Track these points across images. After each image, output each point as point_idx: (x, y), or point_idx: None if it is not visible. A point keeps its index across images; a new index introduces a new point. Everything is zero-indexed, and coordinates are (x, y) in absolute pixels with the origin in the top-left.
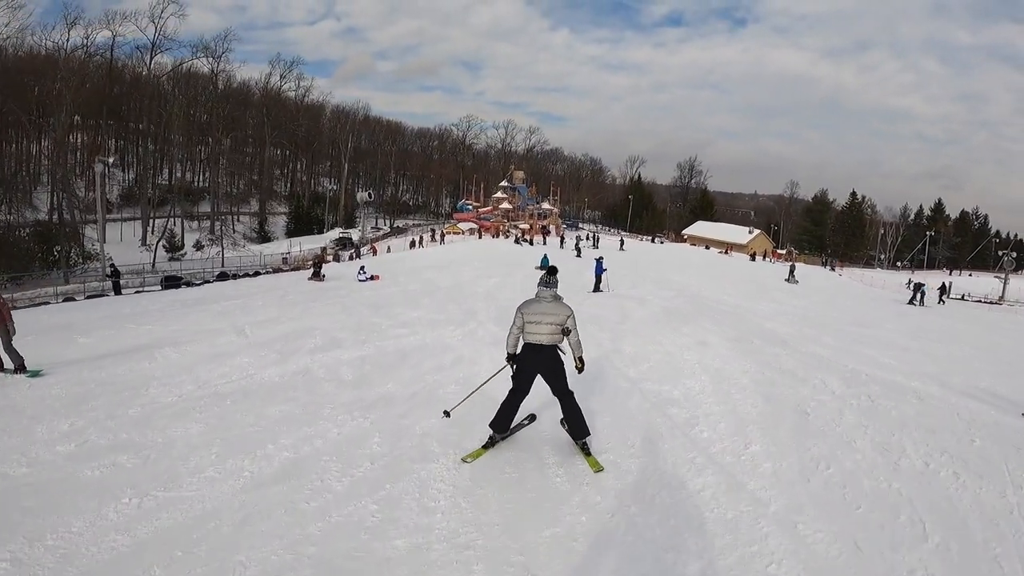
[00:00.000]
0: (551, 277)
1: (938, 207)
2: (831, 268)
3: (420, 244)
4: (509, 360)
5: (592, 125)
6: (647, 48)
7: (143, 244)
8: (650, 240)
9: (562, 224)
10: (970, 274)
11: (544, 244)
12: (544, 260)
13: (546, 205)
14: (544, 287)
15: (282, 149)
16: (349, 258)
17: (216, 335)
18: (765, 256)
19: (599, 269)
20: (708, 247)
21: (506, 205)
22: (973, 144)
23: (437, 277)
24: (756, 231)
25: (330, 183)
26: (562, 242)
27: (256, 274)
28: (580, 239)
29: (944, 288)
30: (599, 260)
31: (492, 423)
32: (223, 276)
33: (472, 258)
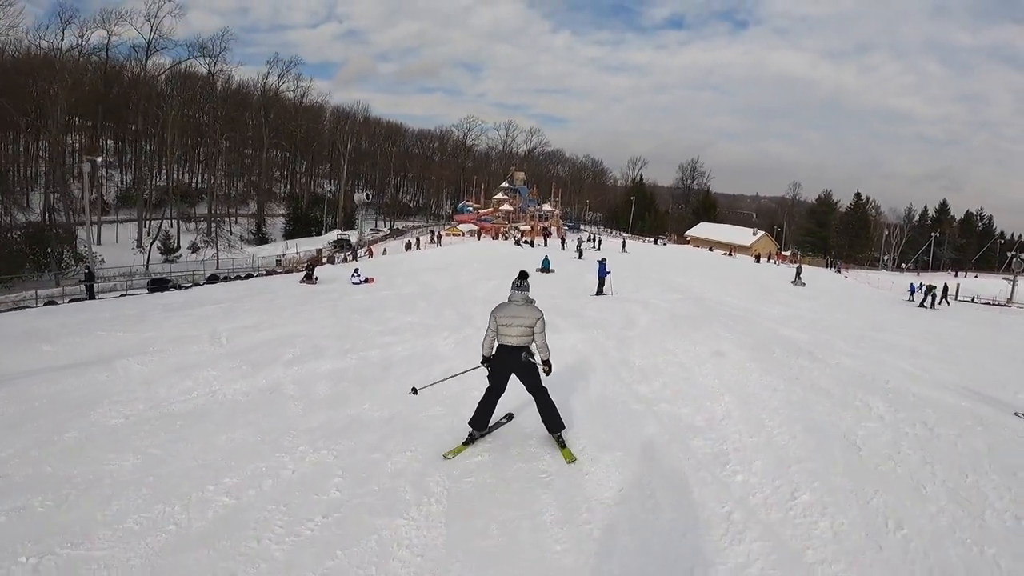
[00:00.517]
0: (522, 282)
1: (943, 208)
2: (836, 270)
3: (417, 246)
4: (483, 362)
5: (593, 127)
6: (648, 50)
7: (138, 246)
8: (652, 242)
9: (563, 226)
10: (975, 275)
11: (545, 246)
12: (545, 262)
13: (547, 207)
14: (516, 291)
15: (282, 151)
16: (344, 260)
17: (189, 343)
18: (770, 258)
19: (603, 271)
20: (712, 249)
21: (507, 207)
22: (973, 145)
23: (435, 280)
24: (760, 232)
25: (330, 185)
26: (563, 244)
27: (248, 276)
28: (582, 241)
29: (946, 289)
30: (602, 262)
31: (471, 421)
32: (213, 279)
33: (471, 260)
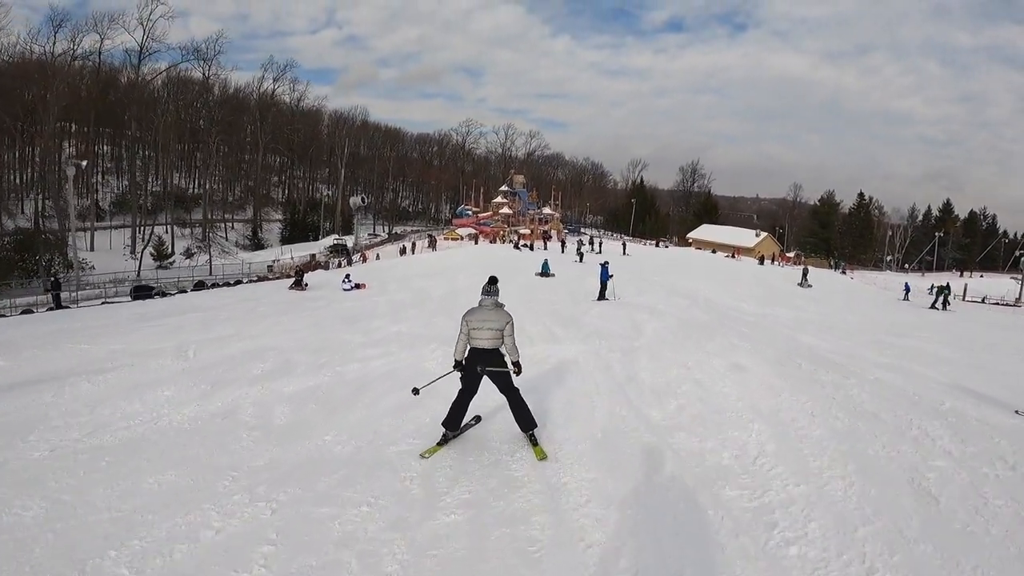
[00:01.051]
0: (492, 287)
1: (946, 208)
2: (841, 271)
3: (412, 251)
4: (456, 366)
5: (593, 131)
6: (648, 54)
7: (132, 252)
8: (654, 244)
9: (563, 229)
10: (981, 275)
11: (545, 249)
12: (544, 266)
13: (547, 210)
14: (486, 296)
15: (280, 156)
16: (338, 265)
17: (153, 357)
18: (773, 260)
19: (604, 275)
20: (714, 251)
21: (506, 210)
22: (974, 145)
23: (429, 285)
24: (763, 234)
25: (328, 190)
26: (563, 247)
27: (237, 283)
28: (582, 243)
29: (945, 289)
30: (604, 266)
31: (444, 422)
32: (200, 285)
33: (469, 265)
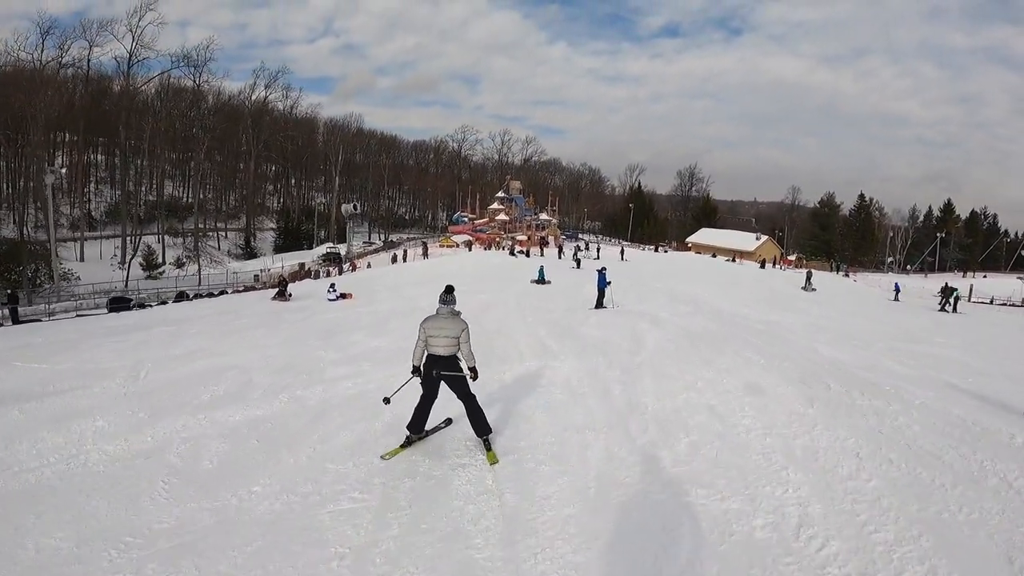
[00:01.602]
0: (448, 295)
1: (947, 208)
2: (844, 274)
3: (404, 259)
4: (414, 372)
5: (590, 137)
6: (644, 59)
7: (121, 263)
8: (653, 249)
9: (561, 235)
10: (984, 276)
11: (542, 255)
12: (540, 273)
13: (544, 216)
14: (443, 305)
15: (275, 164)
16: (326, 274)
17: (101, 379)
18: (775, 263)
19: (602, 282)
20: (715, 255)
21: (503, 216)
22: (970, 146)
23: (418, 294)
24: (763, 237)
25: (324, 198)
26: (560, 253)
27: (222, 293)
28: (580, 249)
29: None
30: (602, 272)
31: (408, 425)
32: (182, 296)
33: (462, 273)
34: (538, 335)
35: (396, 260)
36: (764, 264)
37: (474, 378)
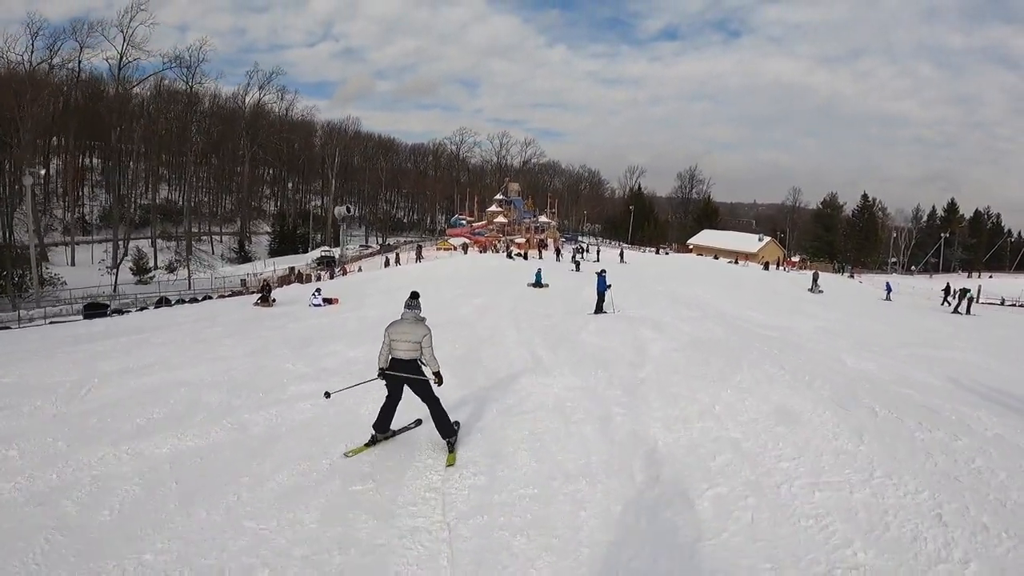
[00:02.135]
0: (413, 301)
1: (951, 207)
2: (849, 275)
3: (396, 262)
4: (379, 375)
5: (590, 140)
6: (643, 62)
7: (112, 266)
8: (654, 251)
9: (560, 237)
10: (990, 276)
11: (540, 258)
12: (538, 276)
13: (544, 218)
14: (407, 310)
15: (272, 168)
16: (317, 278)
17: (38, 396)
18: (778, 264)
19: (602, 285)
20: (717, 257)
21: (501, 219)
22: (968, 146)
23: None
24: (766, 238)
25: (322, 202)
26: (558, 255)
27: (206, 298)
28: (579, 251)
29: (948, 290)
30: (601, 275)
31: (374, 424)
32: (164, 302)
33: (458, 276)
34: (531, 344)
35: (388, 264)
36: (768, 266)
37: (438, 382)
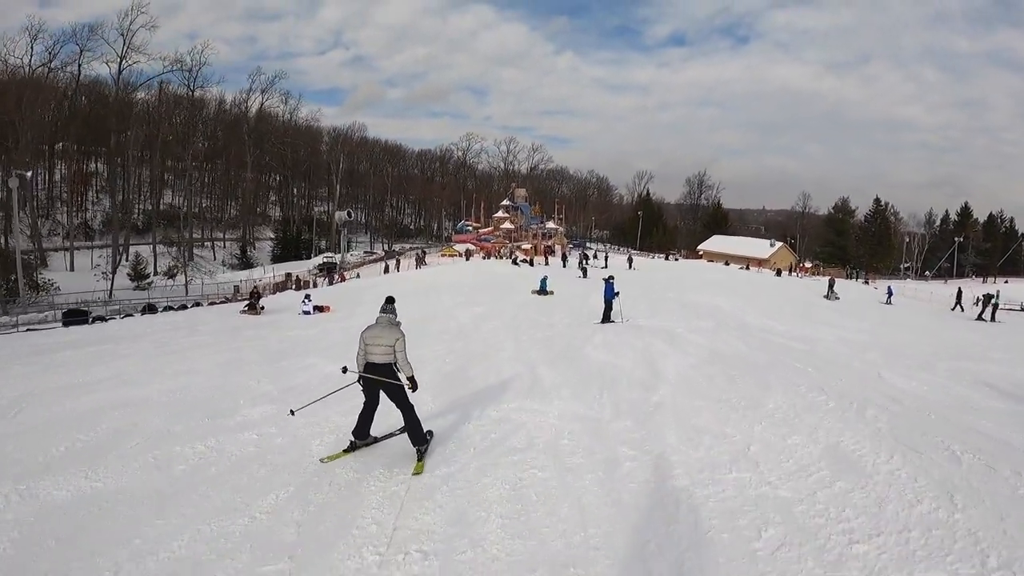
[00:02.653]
0: (388, 305)
1: (964, 211)
2: (864, 281)
3: (396, 269)
4: (358, 379)
5: (597, 146)
6: (651, 68)
7: (112, 272)
8: (663, 257)
9: (567, 243)
10: (1005, 281)
11: (546, 264)
12: (543, 283)
13: (551, 224)
14: (382, 314)
15: (277, 173)
16: (314, 285)
17: None
18: (791, 271)
19: (609, 293)
20: (727, 263)
21: (508, 225)
22: (974, 151)
23: (407, 308)
24: (778, 244)
25: (327, 208)
26: (564, 261)
27: (196, 305)
28: (586, 257)
29: (960, 295)
30: (609, 281)
31: (353, 431)
32: (149, 309)
33: (460, 283)
34: (530, 359)
35: (388, 270)
36: (780, 272)
37: (412, 388)
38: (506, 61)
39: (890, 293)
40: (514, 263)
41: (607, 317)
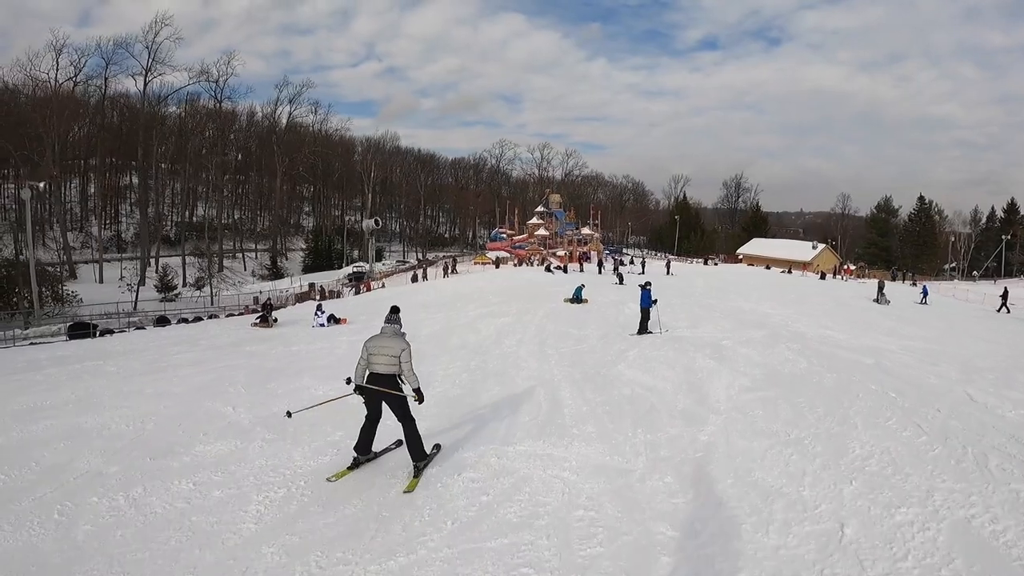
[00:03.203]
0: (393, 315)
1: (1011, 208)
2: (912, 283)
3: (424, 278)
4: (356, 391)
5: (632, 152)
6: (683, 73)
7: (138, 284)
8: (702, 262)
9: (604, 250)
10: None
11: (581, 271)
12: (577, 292)
13: (586, 230)
14: (387, 324)
15: (309, 184)
16: (337, 295)
17: None
18: (835, 273)
19: (646, 301)
20: (768, 267)
21: (542, 231)
22: (1015, 146)
23: (427, 319)
24: (821, 246)
25: (360, 217)
26: (600, 267)
27: (212, 317)
28: (623, 263)
29: (1006, 296)
30: (646, 288)
31: (356, 447)
32: (163, 321)
33: (488, 292)
34: (552, 380)
35: (416, 279)
36: (824, 275)
37: (419, 400)
38: (538, 69)
39: (925, 293)
40: (547, 270)
41: (644, 328)
